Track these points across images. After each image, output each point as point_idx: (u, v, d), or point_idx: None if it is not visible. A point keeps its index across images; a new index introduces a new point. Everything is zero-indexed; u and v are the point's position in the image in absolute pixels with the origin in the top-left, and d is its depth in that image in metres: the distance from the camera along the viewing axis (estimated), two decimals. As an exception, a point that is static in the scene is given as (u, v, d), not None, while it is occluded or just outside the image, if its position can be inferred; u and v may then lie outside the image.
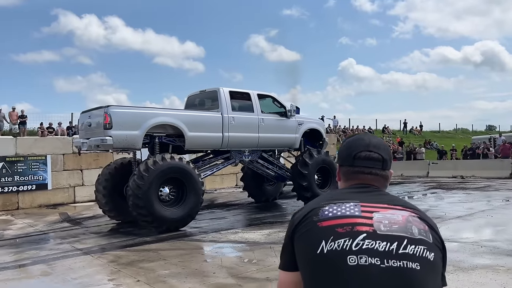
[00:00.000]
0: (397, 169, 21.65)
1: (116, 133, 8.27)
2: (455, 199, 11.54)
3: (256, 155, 11.09)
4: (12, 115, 21.23)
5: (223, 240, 7.47)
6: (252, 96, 10.60)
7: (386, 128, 39.28)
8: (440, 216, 8.85)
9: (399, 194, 13.46)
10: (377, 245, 1.28)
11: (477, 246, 6.12)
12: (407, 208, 1.39)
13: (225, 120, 9.85)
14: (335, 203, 1.41)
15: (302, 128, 11.65)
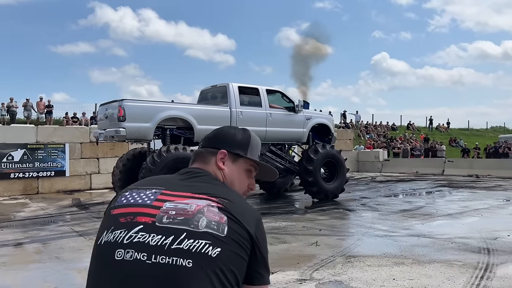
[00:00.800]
0: (413, 166, 21.47)
1: (129, 125, 8.92)
2: (455, 198, 11.50)
3: (264, 148, 11.42)
4: (39, 105, 22.36)
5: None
6: (261, 91, 10.98)
7: (411, 125, 38.61)
8: (431, 213, 8.93)
9: (404, 191, 13.49)
10: (149, 239, 1.17)
11: (448, 242, 6.24)
12: (211, 198, 1.25)
13: (233, 114, 10.31)
14: (138, 189, 1.32)
15: (310, 123, 11.91)
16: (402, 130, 36.97)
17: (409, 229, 7.38)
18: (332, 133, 12.62)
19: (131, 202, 1.28)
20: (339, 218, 8.69)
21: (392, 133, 34.32)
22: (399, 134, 33.55)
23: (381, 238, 6.70)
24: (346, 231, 7.32)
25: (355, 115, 35.81)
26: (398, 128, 37.83)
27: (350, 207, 10.13)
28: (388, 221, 8.13)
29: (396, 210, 9.46)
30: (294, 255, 5.76)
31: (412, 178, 18.53)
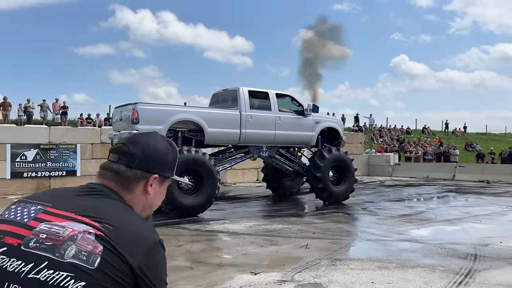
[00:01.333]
0: (424, 170, 21.28)
1: (142, 127, 9.20)
2: (459, 203, 11.43)
3: (273, 151, 11.70)
4: (55, 106, 22.96)
5: (206, 229, 8.02)
6: (270, 95, 11.27)
7: (426, 129, 38.20)
8: (429, 219, 8.93)
9: (409, 196, 13.44)
10: (8, 263, 1.06)
11: (438, 247, 6.27)
12: (94, 222, 1.11)
13: (243, 117, 10.62)
14: (26, 203, 1.20)
15: (319, 127, 12.10)
16: (416, 134, 36.59)
17: (403, 234, 7.42)
18: (341, 136, 12.76)
19: (8, 219, 1.16)
20: (336, 221, 8.75)
21: (406, 137, 33.99)
22: (413, 138, 33.23)
23: (372, 242, 6.76)
24: (339, 234, 7.39)
25: (369, 118, 35.59)
26: (413, 132, 37.46)
27: (350, 211, 10.18)
28: (384, 226, 8.17)
29: (396, 215, 9.47)
30: (282, 257, 5.88)
31: (421, 183, 18.38)
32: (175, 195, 9.10)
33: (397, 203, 11.69)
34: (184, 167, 9.30)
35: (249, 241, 6.88)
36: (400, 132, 35.92)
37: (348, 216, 9.47)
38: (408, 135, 35.88)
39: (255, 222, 8.71)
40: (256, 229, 7.93)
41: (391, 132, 35.19)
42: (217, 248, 6.46)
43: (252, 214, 9.80)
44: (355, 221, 8.82)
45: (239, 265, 5.49)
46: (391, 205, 11.28)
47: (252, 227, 8.18)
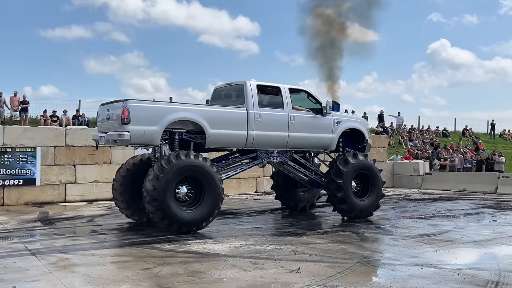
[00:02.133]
0: (461, 182, 21.37)
1: (134, 128, 9.47)
2: (494, 222, 11.58)
3: (285, 156, 12.00)
4: (13, 101, 23.33)
5: (182, 250, 8.20)
6: (283, 90, 11.52)
7: (467, 130, 38.22)
8: (453, 240, 9.08)
9: (436, 212, 13.56)
10: None
11: (454, 273, 6.40)
12: None
13: (250, 117, 10.84)
14: None
15: (340, 128, 12.38)
16: (455, 136, 36.66)
17: (417, 257, 7.55)
18: (366, 139, 13.04)
19: None
20: (340, 242, 8.90)
21: (442, 141, 34.09)
22: (450, 142, 33.30)
23: (377, 266, 6.91)
24: (341, 257, 7.54)
25: (397, 117, 35.70)
26: (451, 134, 37.52)
27: (360, 230, 10.31)
28: (397, 247, 8.31)
29: (414, 235, 9.61)
30: (265, 283, 6.04)
31: (455, 196, 18.47)
32: (172, 208, 9.43)
33: (420, 221, 11.81)
34: (182, 175, 9.62)
35: (231, 264, 7.05)
36: (435, 135, 36.01)
37: (356, 236, 9.61)
38: (445, 138, 35.96)
39: (242, 242, 8.89)
40: (242, 250, 8.10)
41: (423, 134, 35.29)
42: (190, 272, 6.62)
43: (241, 233, 9.97)
44: (363, 242, 8.96)
45: (212, 292, 5.67)
46: (411, 223, 11.40)
47: (238, 247, 8.35)
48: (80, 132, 17.11)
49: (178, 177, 9.57)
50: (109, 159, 17.18)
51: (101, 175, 17.01)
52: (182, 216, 9.56)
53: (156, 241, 9.02)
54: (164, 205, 9.32)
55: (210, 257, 7.64)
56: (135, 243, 8.81)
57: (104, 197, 16.67)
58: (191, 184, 9.86)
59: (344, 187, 11.52)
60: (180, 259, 7.55)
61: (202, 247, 8.44)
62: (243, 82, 11.19)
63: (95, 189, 16.89)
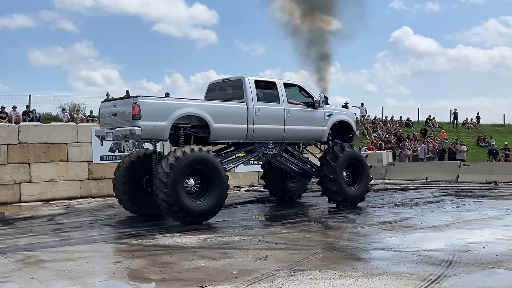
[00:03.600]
0: (423, 171, 22.52)
1: (145, 123, 10.30)
2: (453, 208, 12.51)
3: (280, 148, 13.01)
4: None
5: (150, 244, 8.68)
6: (278, 85, 12.50)
7: (430, 120, 39.76)
8: (413, 226, 9.89)
9: (398, 201, 14.46)
10: None
11: (412, 255, 7.15)
12: None
13: (250, 111, 11.77)
14: None
15: (330, 120, 13.49)
16: (418, 126, 38.14)
17: (378, 242, 8.30)
18: (354, 131, 14.25)
19: None
20: (305, 231, 9.58)
21: (406, 131, 35.48)
22: (412, 132, 34.70)
23: (340, 251, 7.59)
24: (306, 245, 8.19)
25: (360, 108, 36.88)
26: (414, 124, 39.00)
27: (324, 219, 11.05)
28: (359, 234, 9.05)
29: (376, 222, 10.40)
30: (236, 270, 6.62)
31: (418, 186, 19.55)
32: (184, 200, 10.18)
33: (382, 210, 12.67)
34: (190, 168, 10.42)
35: (200, 255, 7.60)
36: (398, 125, 37.38)
37: (321, 225, 10.32)
38: (408, 128, 37.38)
39: (210, 234, 9.43)
40: (210, 242, 8.65)
41: (387, 125, 36.59)
42: (161, 263, 7.12)
43: (207, 226, 10.51)
44: (327, 230, 9.66)
45: (185, 280, 6.20)
46: (374, 212, 12.25)
47: (206, 240, 8.89)
48: (34, 129, 17.20)
49: (188, 170, 10.36)
50: (65, 157, 17.34)
51: (57, 173, 17.16)
52: (194, 208, 10.35)
53: (123, 237, 9.48)
54: (177, 197, 10.05)
55: (179, 249, 8.15)
56: (101, 240, 9.24)
57: (61, 196, 16.92)
58: (198, 176, 10.63)
59: (337, 179, 12.60)
60: (150, 252, 8.03)
61: (170, 240, 8.93)
62: (241, 78, 12.06)
63: (52, 188, 17.04)
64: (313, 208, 13.95)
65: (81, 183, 17.62)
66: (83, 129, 17.91)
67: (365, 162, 13.60)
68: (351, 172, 13.34)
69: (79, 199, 17.07)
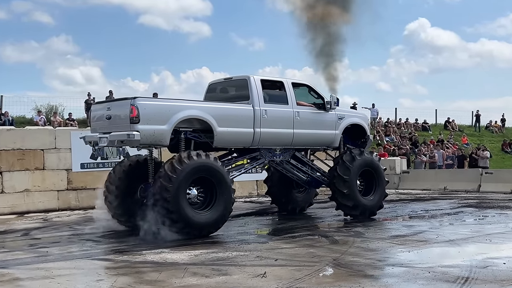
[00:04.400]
0: (441, 180, 22.73)
1: (144, 127, 10.40)
2: (473, 221, 12.74)
3: (288, 155, 13.23)
4: None
5: (137, 260, 8.83)
6: (286, 85, 12.74)
7: (449, 123, 39.96)
8: (428, 240, 10.08)
9: (412, 213, 14.66)
10: None
11: (425, 271, 7.32)
12: None
13: (256, 114, 12.00)
14: None
15: (343, 123, 13.76)
16: (436, 130, 38.36)
17: (389, 258, 8.50)
18: (368, 135, 14.48)
19: None
20: (308, 246, 9.76)
21: (422, 135, 35.69)
22: (430, 136, 34.91)
23: (346, 268, 7.76)
24: (309, 261, 8.36)
25: (371, 110, 37.04)
26: (432, 128, 39.19)
27: (329, 233, 11.23)
28: (368, 249, 9.22)
29: (386, 236, 10.59)
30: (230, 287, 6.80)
31: (434, 196, 19.75)
32: (186, 211, 10.37)
33: (394, 222, 12.88)
34: (194, 175, 10.62)
35: (191, 272, 7.76)
36: (414, 128, 37.57)
37: (326, 239, 10.49)
38: (425, 132, 37.58)
39: (202, 250, 9.59)
40: (203, 258, 8.81)
41: (401, 128, 36.78)
42: (148, 281, 7.28)
43: (200, 240, 10.66)
44: (332, 245, 9.83)
45: (175, 298, 6.37)
46: (384, 225, 12.46)
47: (198, 255, 9.06)
48: (6, 133, 17.28)
49: (190, 178, 10.54)
50: (41, 164, 17.40)
51: (32, 183, 17.21)
52: (196, 220, 10.54)
53: (106, 253, 9.65)
54: (178, 207, 10.22)
55: (168, 266, 8.31)
56: (82, 256, 9.38)
57: (37, 209, 16.99)
58: (201, 185, 10.82)
59: (350, 183, 12.82)
60: (136, 269, 8.19)
61: (158, 256, 9.09)
62: (246, 77, 12.31)
63: (26, 200, 17.05)
64: (318, 221, 14.16)
65: (59, 194, 17.68)
66: (62, 134, 18.00)
67: (380, 168, 13.84)
68: (365, 180, 13.54)
69: (57, 211, 17.14)
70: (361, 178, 13.38)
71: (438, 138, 33.50)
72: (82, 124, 25.89)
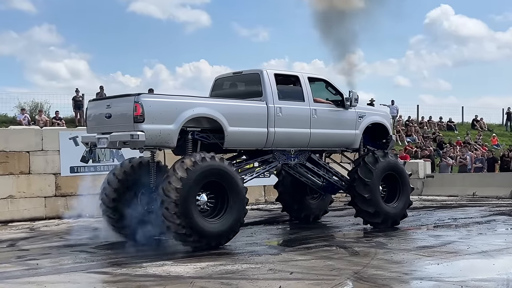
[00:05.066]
0: (469, 185, 22.73)
1: (149, 127, 10.39)
2: (506, 230, 12.80)
3: (303, 157, 13.21)
4: None
5: (138, 274, 8.91)
6: (302, 80, 12.79)
7: (477, 121, 39.90)
8: (458, 251, 10.13)
9: (439, 221, 14.73)
10: None
11: (457, 286, 7.38)
12: None
13: (270, 112, 12.05)
14: None
15: (363, 122, 13.80)
16: (463, 129, 38.34)
17: (416, 270, 8.58)
18: (390, 135, 14.57)
19: None
20: (326, 257, 9.82)
21: (447, 135, 35.69)
22: (456, 137, 34.91)
23: (369, 282, 7.83)
24: (327, 274, 8.43)
25: (390, 107, 37.04)
26: (458, 127, 39.16)
27: (348, 244, 11.28)
28: (393, 261, 9.29)
29: (412, 247, 10.66)
30: (243, 303, 6.88)
31: (463, 203, 19.79)
32: (195, 218, 10.41)
33: (419, 232, 12.94)
34: (205, 179, 10.68)
35: (199, 286, 7.84)
36: (438, 128, 37.56)
37: (344, 251, 10.55)
38: (450, 131, 37.58)
39: (208, 262, 9.66)
40: (210, 271, 8.88)
41: (423, 127, 36.76)
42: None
43: (205, 252, 10.73)
44: (352, 257, 9.89)
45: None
46: (408, 235, 12.53)
47: (205, 268, 9.13)
48: (-13, 134, 17.40)
49: (202, 182, 10.60)
50: (27, 168, 17.44)
51: (17, 188, 17.22)
52: (205, 228, 10.55)
53: (103, 265, 9.72)
54: (189, 217, 10.24)
55: (172, 279, 8.38)
56: (77, 268, 9.45)
57: (22, 217, 17.04)
58: (211, 191, 10.91)
59: (373, 187, 12.87)
60: (137, 283, 8.27)
61: (161, 269, 9.17)
62: (258, 71, 12.38)
63: (11, 207, 17.10)
64: (334, 231, 14.21)
65: (47, 201, 17.73)
66: (49, 134, 18.09)
67: (405, 173, 13.90)
68: (388, 185, 13.60)
69: (44, 220, 17.20)
70: (383, 183, 13.42)
71: (465, 139, 33.50)
72: (70, 123, 26.05)
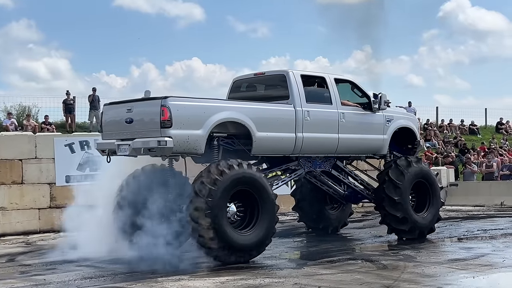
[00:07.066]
0: (497, 194, 23.03)
1: (177, 132, 10.62)
2: (542, 241, 13.11)
3: (329, 164, 13.57)
4: None
5: (154, 289, 9.28)
6: (329, 81, 13.12)
7: (502, 124, 40.11)
8: (493, 264, 10.49)
9: (468, 232, 15.09)
10: None
11: (497, 299, 7.76)
12: None
13: (298, 116, 12.31)
14: None
15: (391, 127, 14.11)
16: (486, 134, 38.56)
17: (451, 284, 8.92)
18: (418, 140, 14.89)
19: None
20: (352, 271, 10.16)
21: (469, 139, 35.90)
22: (480, 141, 35.13)
23: (404, 296, 8.19)
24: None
25: (407, 109, 37.28)
26: (481, 130, 39.40)
27: (374, 257, 11.61)
28: (424, 275, 9.63)
29: (443, 260, 11.01)
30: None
31: (490, 213, 20.15)
32: (228, 232, 10.69)
33: (448, 244, 13.31)
34: (235, 188, 10.96)
35: (221, 302, 8.18)
36: (460, 132, 37.76)
37: (371, 264, 10.89)
38: (472, 135, 37.77)
39: (228, 276, 9.98)
40: (231, 286, 9.21)
41: (443, 131, 36.99)
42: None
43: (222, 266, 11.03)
44: (380, 270, 10.22)
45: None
46: (437, 247, 12.91)
47: (225, 283, 9.45)
48: (-24, 141, 17.60)
49: (231, 191, 10.89)
50: (19, 177, 17.53)
51: (9, 199, 17.28)
52: (236, 240, 10.85)
53: (115, 280, 10.02)
54: (219, 230, 10.50)
55: (192, 295, 8.74)
56: (88, 284, 9.75)
57: (15, 230, 17.09)
58: (240, 201, 11.26)
59: (403, 204, 13.10)
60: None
61: (178, 284, 9.49)
62: (284, 72, 12.71)
63: (2, 220, 17.13)
64: (356, 243, 14.53)
65: (41, 213, 17.82)
66: (43, 141, 18.22)
67: (437, 183, 14.23)
68: (417, 194, 13.92)
69: (38, 233, 17.37)
70: (413, 192, 13.70)
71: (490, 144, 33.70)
72: (60, 128, 26.15)
